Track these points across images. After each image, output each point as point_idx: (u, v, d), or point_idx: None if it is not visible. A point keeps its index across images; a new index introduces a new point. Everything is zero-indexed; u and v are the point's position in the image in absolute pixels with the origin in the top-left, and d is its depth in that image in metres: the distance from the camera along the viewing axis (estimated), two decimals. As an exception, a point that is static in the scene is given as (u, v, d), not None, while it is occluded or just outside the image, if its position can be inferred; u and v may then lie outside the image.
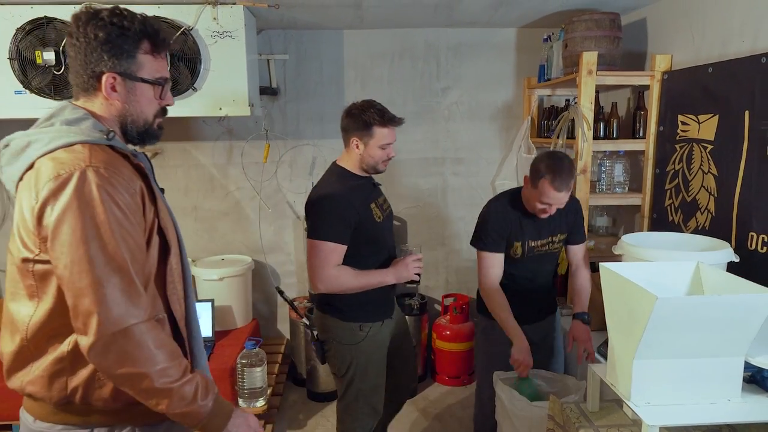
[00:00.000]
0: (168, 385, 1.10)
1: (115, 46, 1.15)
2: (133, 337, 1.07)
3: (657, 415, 1.34)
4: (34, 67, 2.57)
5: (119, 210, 1.08)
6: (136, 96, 1.21)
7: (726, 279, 1.49)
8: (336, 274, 1.96)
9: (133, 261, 1.10)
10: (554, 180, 1.96)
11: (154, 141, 1.30)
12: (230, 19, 2.68)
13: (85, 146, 1.12)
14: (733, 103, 2.21)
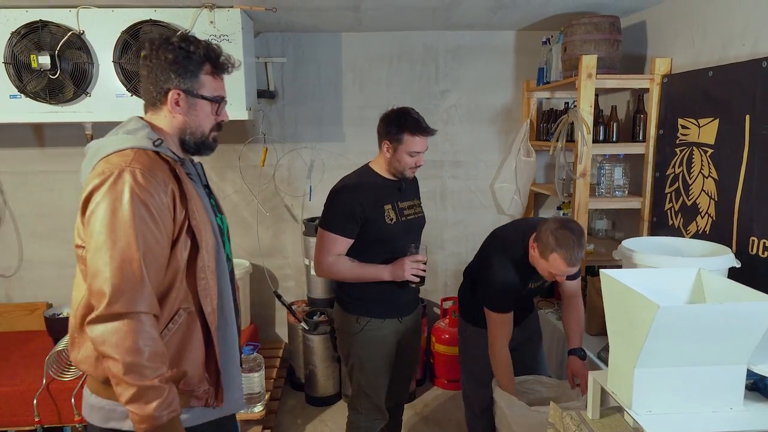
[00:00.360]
0: (133, 381, 1.19)
1: (181, 66, 1.34)
2: (125, 324, 1.19)
3: (658, 423, 1.33)
4: (29, 71, 2.55)
5: (144, 208, 1.22)
6: (196, 111, 1.39)
7: (728, 286, 1.47)
8: (333, 262, 2.08)
9: (147, 256, 1.22)
10: (567, 256, 1.89)
11: (209, 152, 1.47)
12: (227, 22, 2.66)
13: (134, 151, 1.28)
14: (734, 107, 2.20)
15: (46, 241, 3.40)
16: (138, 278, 1.21)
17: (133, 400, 1.20)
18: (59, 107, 2.64)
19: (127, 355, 1.19)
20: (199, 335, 1.35)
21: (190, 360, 1.34)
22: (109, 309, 1.19)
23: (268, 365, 3.19)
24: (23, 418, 2.62)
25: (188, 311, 1.33)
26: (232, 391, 1.44)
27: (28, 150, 3.32)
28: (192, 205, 1.32)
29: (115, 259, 1.20)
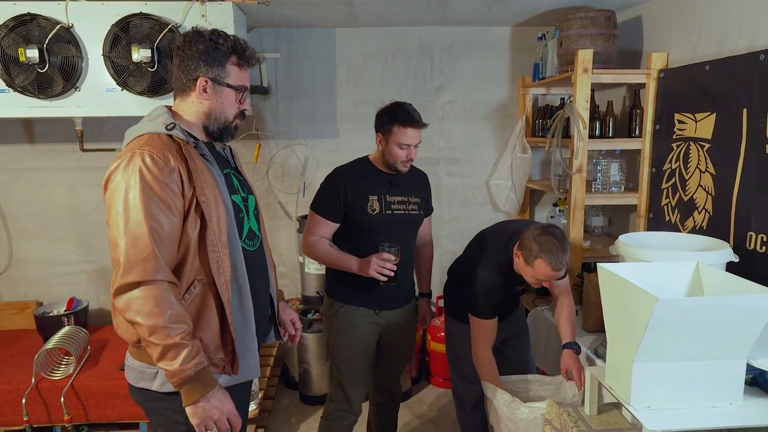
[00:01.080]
0: (157, 340, 1.31)
1: (210, 56, 1.46)
2: (143, 291, 1.32)
3: (657, 419, 1.31)
4: (17, 65, 2.51)
5: (152, 188, 1.34)
6: (222, 98, 1.50)
7: (727, 279, 1.45)
8: (313, 242, 2.15)
9: (156, 231, 1.34)
10: (551, 261, 1.90)
11: (230, 138, 1.58)
12: (219, 16, 2.63)
13: (149, 135, 1.42)
14: (731, 100, 2.18)
15: (36, 239, 3.35)
16: (149, 250, 1.32)
17: (161, 358, 1.32)
18: (48, 102, 2.60)
19: (149, 319, 1.30)
20: (213, 305, 1.45)
21: (206, 329, 1.44)
22: (124, 278, 1.32)
23: (262, 364, 3.14)
24: (12, 417, 2.57)
25: (203, 282, 1.43)
26: (247, 359, 1.51)
27: (18, 146, 3.28)
28: (200, 182, 1.41)
29: (129, 234, 1.32)
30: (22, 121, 3.21)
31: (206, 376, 1.37)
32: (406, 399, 3.31)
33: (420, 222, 2.31)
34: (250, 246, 1.59)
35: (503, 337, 2.36)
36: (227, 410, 1.40)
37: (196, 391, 1.34)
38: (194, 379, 1.34)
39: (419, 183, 2.32)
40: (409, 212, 2.21)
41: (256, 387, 2.78)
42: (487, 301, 2.10)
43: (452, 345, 2.40)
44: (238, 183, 1.61)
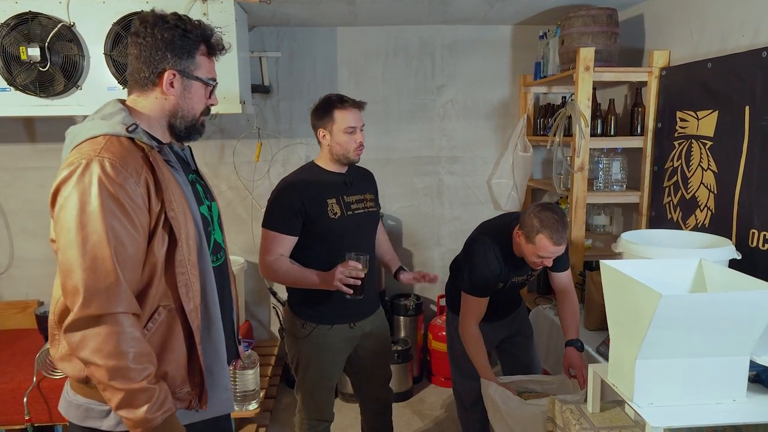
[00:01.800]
0: (120, 385, 1.13)
1: (177, 46, 1.28)
2: (103, 328, 1.13)
3: (660, 416, 1.30)
4: (18, 63, 2.51)
5: (114, 202, 1.14)
6: (191, 93, 1.33)
7: (730, 276, 1.45)
8: (271, 262, 1.97)
9: (120, 252, 1.15)
10: (553, 236, 1.91)
11: (197, 137, 1.41)
12: (221, 14, 2.63)
13: (106, 138, 1.20)
14: (733, 98, 2.18)
15: (37, 238, 3.35)
16: (112, 277, 1.13)
17: (123, 405, 1.15)
18: (49, 100, 2.60)
19: (109, 360, 1.12)
20: (180, 334, 1.28)
21: (171, 360, 1.27)
22: (83, 311, 1.12)
23: (263, 363, 3.15)
24: (13, 416, 2.57)
25: (168, 309, 1.26)
26: (218, 393, 1.36)
27: (19, 146, 3.28)
28: (168, 195, 1.23)
29: (87, 257, 1.12)
30: (23, 120, 3.21)
31: (174, 425, 1.21)
32: (407, 398, 3.31)
33: (378, 218, 2.24)
34: (215, 261, 1.41)
35: (505, 335, 2.35)
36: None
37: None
38: (160, 429, 1.17)
39: (368, 180, 2.24)
40: (368, 210, 2.13)
41: (257, 386, 2.78)
42: (480, 279, 2.10)
43: (452, 341, 2.40)
44: (203, 190, 1.44)
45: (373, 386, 2.30)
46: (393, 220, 3.64)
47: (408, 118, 3.53)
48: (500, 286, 2.19)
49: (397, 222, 3.64)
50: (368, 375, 2.26)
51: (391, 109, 3.52)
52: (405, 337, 3.42)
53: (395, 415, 2.94)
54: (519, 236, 2.02)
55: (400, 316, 3.45)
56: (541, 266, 2.07)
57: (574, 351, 2.10)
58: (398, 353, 3.22)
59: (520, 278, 2.23)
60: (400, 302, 3.47)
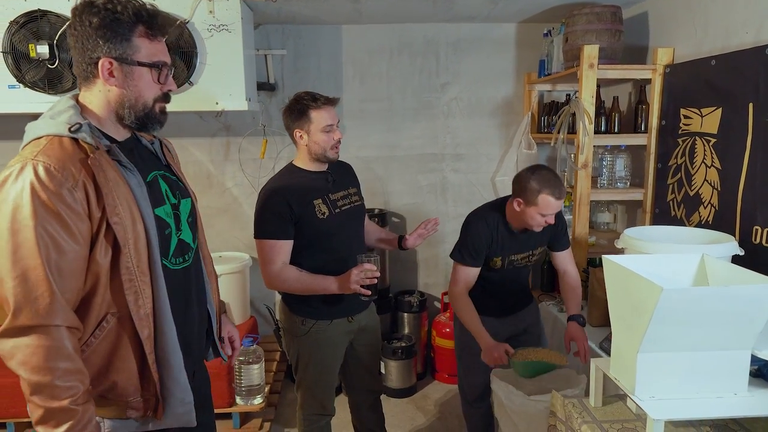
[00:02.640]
0: (41, 401, 1.09)
1: (109, 30, 1.17)
2: (33, 339, 1.08)
3: (662, 409, 1.31)
4: (27, 60, 2.54)
5: (47, 209, 1.09)
6: (134, 80, 1.22)
7: (732, 271, 1.45)
8: (279, 272, 1.94)
9: (55, 262, 1.10)
10: (554, 192, 1.98)
11: (157, 126, 1.30)
12: (227, 12, 2.65)
13: (48, 139, 1.15)
14: (737, 95, 2.18)
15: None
16: (44, 288, 1.08)
17: (42, 422, 1.10)
18: (58, 97, 2.61)
19: (33, 374, 1.08)
20: (130, 343, 1.22)
21: (121, 369, 1.22)
22: (13, 322, 1.08)
23: (268, 359, 3.18)
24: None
25: (118, 316, 1.20)
26: (172, 406, 1.28)
27: (27, 142, 3.30)
28: (112, 199, 1.15)
29: (17, 266, 1.07)
30: (31, 117, 3.23)
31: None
32: (411, 394, 3.33)
33: (364, 211, 2.22)
34: (179, 264, 1.35)
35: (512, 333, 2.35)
36: None
37: None
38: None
39: (349, 173, 2.23)
40: (354, 204, 2.13)
41: (262, 380, 2.80)
42: (470, 246, 2.16)
43: (458, 335, 2.41)
44: (168, 187, 1.35)
45: (367, 378, 2.31)
46: (397, 218, 3.66)
47: (412, 115, 3.55)
48: (497, 262, 2.20)
49: (402, 219, 3.66)
50: (363, 367, 2.28)
51: (396, 107, 3.54)
52: (409, 333, 3.44)
53: (399, 412, 2.97)
54: (518, 204, 2.06)
55: (404, 312, 3.47)
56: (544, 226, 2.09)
57: (576, 325, 2.15)
58: (402, 349, 3.23)
59: (519, 256, 2.23)
60: (404, 299, 3.49)
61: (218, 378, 2.65)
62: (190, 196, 1.46)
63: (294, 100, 2.01)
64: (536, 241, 2.24)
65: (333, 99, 2.01)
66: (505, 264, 2.22)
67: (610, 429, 1.46)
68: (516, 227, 2.16)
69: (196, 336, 1.45)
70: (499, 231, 2.17)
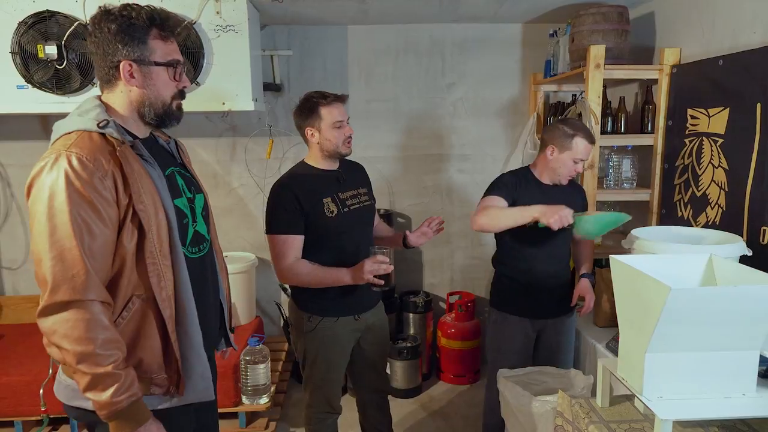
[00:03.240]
0: (87, 369, 1.19)
1: (126, 35, 1.28)
2: (72, 314, 1.18)
3: (670, 409, 1.31)
4: (36, 61, 2.56)
5: (80, 195, 1.19)
6: (153, 80, 1.33)
7: (740, 271, 1.45)
8: (291, 266, 1.97)
9: (87, 244, 1.20)
10: (587, 135, 2.13)
11: (175, 122, 1.41)
12: (233, 13, 2.66)
13: (78, 133, 1.25)
14: (745, 95, 2.17)
15: (52, 233, 3.40)
16: (79, 267, 1.18)
17: (90, 388, 1.20)
18: (65, 98, 2.64)
19: (77, 345, 1.18)
20: (154, 322, 1.32)
21: (146, 348, 1.32)
22: (52, 298, 1.18)
23: (274, 359, 3.18)
24: (30, 408, 2.62)
25: (142, 298, 1.30)
26: (193, 381, 1.38)
27: (34, 143, 3.33)
28: (137, 188, 1.26)
29: (55, 247, 1.18)
30: (39, 117, 3.27)
31: (139, 409, 1.25)
32: (416, 395, 3.33)
33: (374, 210, 2.23)
34: (195, 252, 1.45)
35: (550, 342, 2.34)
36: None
37: (126, 426, 1.23)
38: (125, 412, 1.22)
39: (360, 173, 2.25)
40: (364, 204, 2.14)
41: (268, 380, 2.81)
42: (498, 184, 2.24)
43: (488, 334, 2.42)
44: (183, 182, 1.46)
45: (374, 377, 2.31)
46: (403, 218, 3.66)
47: (418, 115, 3.55)
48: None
49: (407, 220, 3.66)
50: (370, 367, 2.28)
51: (402, 107, 3.54)
52: (414, 334, 3.44)
53: (404, 412, 2.97)
54: (551, 152, 2.17)
55: (409, 313, 3.47)
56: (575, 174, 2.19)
57: (587, 282, 2.28)
58: (407, 350, 3.23)
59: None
60: (409, 299, 3.49)
61: (224, 377, 2.66)
62: (203, 192, 1.55)
63: (304, 99, 2.04)
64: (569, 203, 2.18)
65: (342, 96, 2.05)
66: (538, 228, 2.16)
67: (617, 429, 1.45)
68: (545, 181, 2.24)
69: (212, 323, 1.54)
70: (528, 179, 2.25)
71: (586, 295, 2.23)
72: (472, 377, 3.49)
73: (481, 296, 3.64)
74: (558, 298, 2.32)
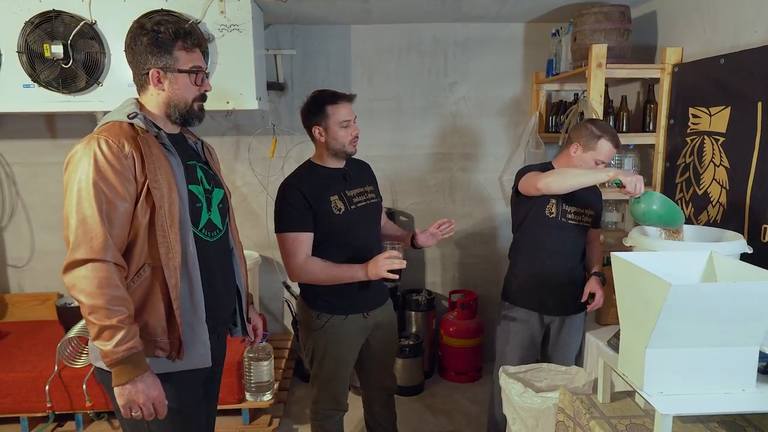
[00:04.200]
0: (95, 320, 1.35)
1: (155, 47, 1.49)
2: (88, 270, 1.35)
3: (670, 404, 1.32)
4: (42, 60, 2.58)
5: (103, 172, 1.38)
6: (178, 84, 1.53)
7: (740, 268, 1.46)
8: (303, 264, 1.98)
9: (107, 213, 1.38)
10: (613, 139, 2.16)
11: (197, 121, 1.61)
12: (237, 12, 2.68)
13: (111, 123, 1.47)
14: (746, 94, 2.18)
15: (57, 232, 3.42)
16: (98, 231, 1.36)
17: (96, 337, 1.37)
18: (71, 96, 2.66)
19: (90, 298, 1.34)
20: (161, 289, 1.47)
21: (152, 311, 1.47)
22: (72, 255, 1.36)
23: (277, 356, 3.20)
24: (36, 404, 2.64)
25: (153, 267, 1.46)
26: (196, 347, 1.53)
27: (40, 141, 3.36)
28: (153, 169, 1.44)
29: (80, 213, 1.37)
30: (44, 116, 3.29)
31: (138, 361, 1.39)
32: (418, 393, 3.35)
33: (380, 208, 2.25)
34: (208, 236, 1.60)
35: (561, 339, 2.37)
36: (153, 396, 1.41)
37: (125, 374, 1.37)
38: (125, 361, 1.36)
39: (366, 171, 2.26)
40: (370, 201, 2.16)
41: (272, 377, 2.83)
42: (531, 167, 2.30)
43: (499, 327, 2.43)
44: (203, 175, 1.62)
45: (381, 375, 2.33)
46: (405, 217, 3.68)
47: (420, 114, 3.56)
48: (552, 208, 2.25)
49: (410, 218, 3.68)
50: (378, 364, 2.29)
51: (404, 106, 3.56)
52: (416, 332, 3.46)
53: (406, 410, 2.98)
54: (575, 149, 2.19)
55: (411, 311, 3.48)
56: None
57: (598, 280, 2.29)
58: (409, 348, 3.25)
59: (572, 210, 2.27)
60: (411, 297, 3.50)
61: (228, 374, 2.67)
62: (223, 188, 1.71)
63: (311, 98, 2.07)
64: (587, 200, 2.29)
65: (350, 95, 2.07)
66: (559, 213, 2.24)
67: (618, 425, 1.47)
68: None
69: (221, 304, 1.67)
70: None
71: (597, 292, 2.25)
72: (474, 375, 3.51)
73: (483, 294, 3.66)
74: (570, 294, 2.33)
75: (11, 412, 2.67)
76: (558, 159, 2.33)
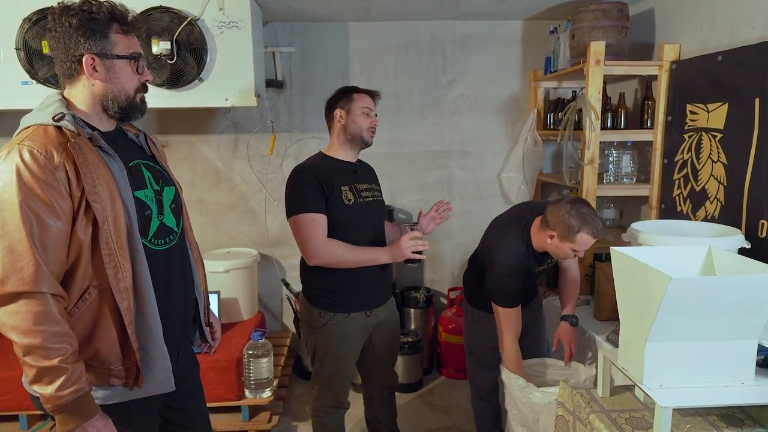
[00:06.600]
0: (33, 362, 1.18)
1: (88, 29, 1.28)
2: (21, 305, 1.18)
3: (670, 397, 1.33)
4: (40, 57, 2.57)
5: (30, 188, 1.19)
6: (116, 73, 1.33)
7: (738, 262, 1.47)
8: (325, 244, 1.96)
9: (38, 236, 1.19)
10: (593, 231, 1.93)
11: (139, 115, 1.41)
12: (236, 9, 2.68)
13: (34, 127, 1.26)
14: (744, 90, 2.20)
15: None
16: (28, 258, 1.18)
17: (36, 381, 1.19)
18: (69, 94, 2.66)
19: (24, 337, 1.17)
20: (111, 313, 1.31)
21: (103, 338, 1.31)
22: (2, 289, 1.17)
23: (276, 354, 3.20)
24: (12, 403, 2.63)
25: (99, 289, 1.29)
26: (154, 373, 1.36)
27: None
28: (90, 180, 1.24)
29: (5, 239, 1.18)
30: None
31: (85, 405, 1.23)
32: (417, 389, 3.35)
33: (385, 207, 2.29)
34: (161, 245, 1.42)
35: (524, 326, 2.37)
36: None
37: (71, 421, 1.21)
38: (70, 406, 1.20)
39: (371, 172, 2.29)
40: (376, 198, 2.19)
41: (271, 374, 2.83)
42: (510, 289, 2.08)
43: (469, 331, 2.44)
44: (150, 175, 1.44)
45: (383, 373, 2.33)
46: (404, 214, 3.68)
47: (419, 112, 3.57)
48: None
49: (408, 216, 3.68)
50: (380, 362, 2.29)
51: (403, 104, 3.56)
52: (415, 329, 3.46)
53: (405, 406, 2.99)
54: (551, 237, 1.99)
55: (410, 308, 3.49)
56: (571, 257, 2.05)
57: (568, 326, 2.19)
58: (408, 345, 3.26)
59: (540, 268, 2.25)
60: (410, 294, 3.51)
61: (227, 371, 2.68)
62: (174, 185, 1.53)
63: (339, 90, 2.15)
64: None
65: (376, 92, 2.16)
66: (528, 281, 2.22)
67: (618, 418, 1.48)
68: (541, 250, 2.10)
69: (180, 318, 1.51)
70: (529, 261, 2.12)
71: (565, 342, 2.14)
72: (473, 372, 3.51)
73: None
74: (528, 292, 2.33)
75: (10, 409, 2.65)
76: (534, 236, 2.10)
